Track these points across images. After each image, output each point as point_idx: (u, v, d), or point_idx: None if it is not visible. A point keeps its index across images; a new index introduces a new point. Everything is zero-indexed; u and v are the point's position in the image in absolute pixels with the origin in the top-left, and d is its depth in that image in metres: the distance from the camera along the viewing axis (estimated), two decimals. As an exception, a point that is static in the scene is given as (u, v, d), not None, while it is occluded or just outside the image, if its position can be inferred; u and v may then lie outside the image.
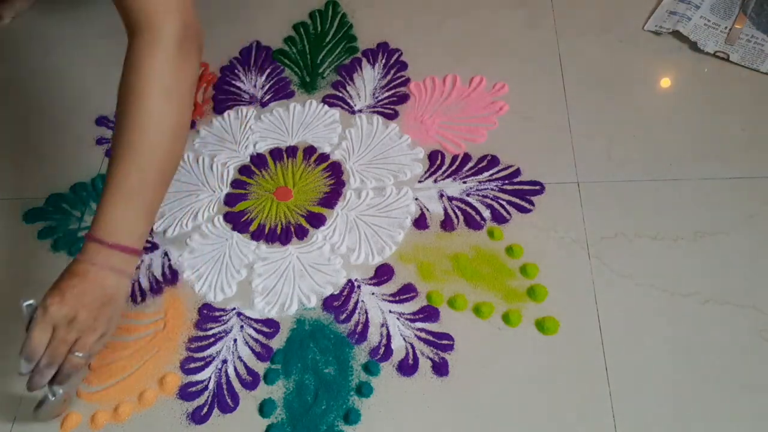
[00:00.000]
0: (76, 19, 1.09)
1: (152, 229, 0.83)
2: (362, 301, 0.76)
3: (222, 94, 0.96)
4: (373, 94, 0.93)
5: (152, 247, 0.82)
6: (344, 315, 0.75)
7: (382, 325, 0.74)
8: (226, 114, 0.94)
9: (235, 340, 0.74)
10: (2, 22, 1.09)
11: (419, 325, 0.73)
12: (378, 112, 0.91)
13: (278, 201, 0.84)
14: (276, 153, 0.89)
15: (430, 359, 0.71)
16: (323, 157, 0.87)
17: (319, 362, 0.72)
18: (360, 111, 0.91)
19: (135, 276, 0.79)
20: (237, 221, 0.83)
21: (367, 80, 0.94)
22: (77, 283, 0.63)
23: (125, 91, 0.66)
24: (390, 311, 0.74)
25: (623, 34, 0.94)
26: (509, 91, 0.90)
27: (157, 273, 0.80)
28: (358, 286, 0.77)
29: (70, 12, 1.10)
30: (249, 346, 0.74)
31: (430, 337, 0.72)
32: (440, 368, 0.70)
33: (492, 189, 0.82)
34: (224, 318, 0.76)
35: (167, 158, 0.67)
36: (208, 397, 0.71)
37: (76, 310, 0.63)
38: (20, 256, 0.84)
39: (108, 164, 0.66)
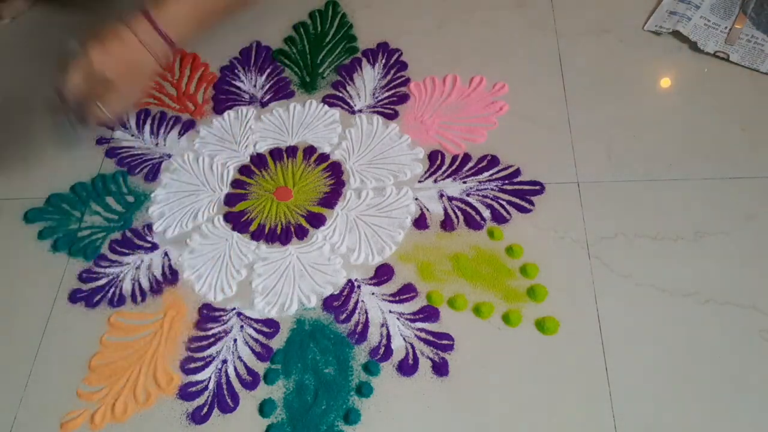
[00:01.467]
0: (77, 19, 1.09)
1: (153, 229, 0.84)
2: (362, 301, 0.76)
3: (222, 94, 0.96)
4: (373, 94, 0.93)
5: (152, 247, 0.82)
6: (344, 315, 0.75)
7: (382, 325, 0.74)
8: (226, 114, 0.94)
9: (235, 340, 0.75)
10: (2, 21, 1.09)
11: (419, 325, 0.73)
12: (378, 112, 0.91)
13: (278, 201, 0.84)
14: (276, 153, 0.89)
15: (430, 359, 0.71)
16: (323, 157, 0.88)
17: (319, 362, 0.72)
18: (360, 111, 0.91)
19: (135, 272, 0.80)
20: (237, 221, 0.83)
21: (367, 80, 0.94)
22: (118, 43, 0.69)
23: None
24: (390, 311, 0.75)
25: (623, 34, 0.94)
26: (509, 91, 0.90)
27: (157, 273, 0.80)
28: (358, 286, 0.77)
29: (71, 11, 1.10)
30: (249, 346, 0.74)
31: (430, 337, 0.72)
32: (440, 368, 0.70)
33: (492, 189, 0.82)
34: (224, 318, 0.76)
35: None
36: (208, 397, 0.71)
37: (112, 62, 0.68)
38: (20, 256, 0.84)
39: None
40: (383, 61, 0.96)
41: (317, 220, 0.82)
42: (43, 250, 0.84)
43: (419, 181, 0.84)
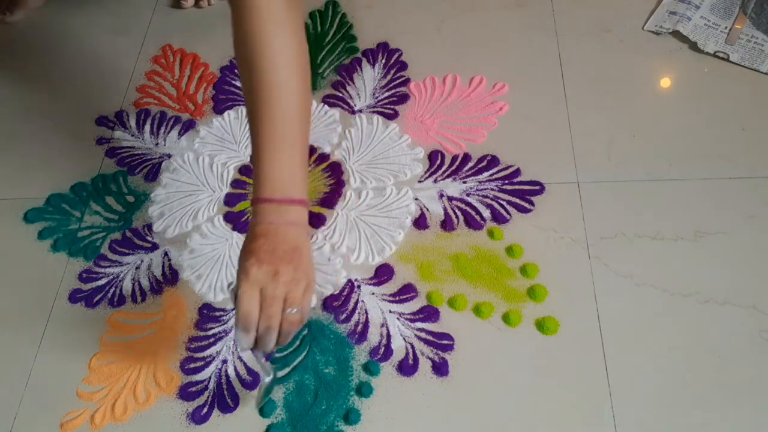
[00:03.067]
0: (77, 19, 1.09)
1: (153, 229, 0.84)
2: (362, 301, 0.76)
3: (222, 94, 0.96)
4: (373, 94, 0.93)
5: (152, 247, 0.82)
6: (344, 315, 0.75)
7: (382, 325, 0.74)
8: (226, 114, 0.94)
9: (235, 341, 0.74)
10: (12, 17, 1.08)
11: (419, 325, 0.73)
12: (378, 112, 0.91)
13: (278, 201, 0.84)
14: (276, 153, 0.89)
15: (430, 359, 0.71)
16: (323, 157, 0.87)
17: (319, 362, 0.72)
18: (360, 111, 0.91)
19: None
20: (237, 221, 0.83)
21: (367, 80, 0.94)
22: (264, 242, 0.62)
23: (244, 43, 0.64)
24: (390, 311, 0.75)
25: (623, 34, 0.94)
26: (509, 91, 0.90)
27: (157, 273, 0.80)
28: (358, 286, 0.77)
29: (72, 12, 1.10)
30: (249, 346, 0.74)
31: (430, 337, 0.72)
32: (440, 368, 0.70)
33: (492, 189, 0.82)
34: (224, 318, 0.76)
35: (303, 98, 0.66)
36: (208, 397, 0.71)
37: (275, 265, 0.61)
38: (20, 256, 0.84)
39: (249, 123, 0.65)
40: (383, 61, 0.96)
41: (317, 220, 0.82)
42: (43, 250, 0.84)
43: (419, 181, 0.84)
